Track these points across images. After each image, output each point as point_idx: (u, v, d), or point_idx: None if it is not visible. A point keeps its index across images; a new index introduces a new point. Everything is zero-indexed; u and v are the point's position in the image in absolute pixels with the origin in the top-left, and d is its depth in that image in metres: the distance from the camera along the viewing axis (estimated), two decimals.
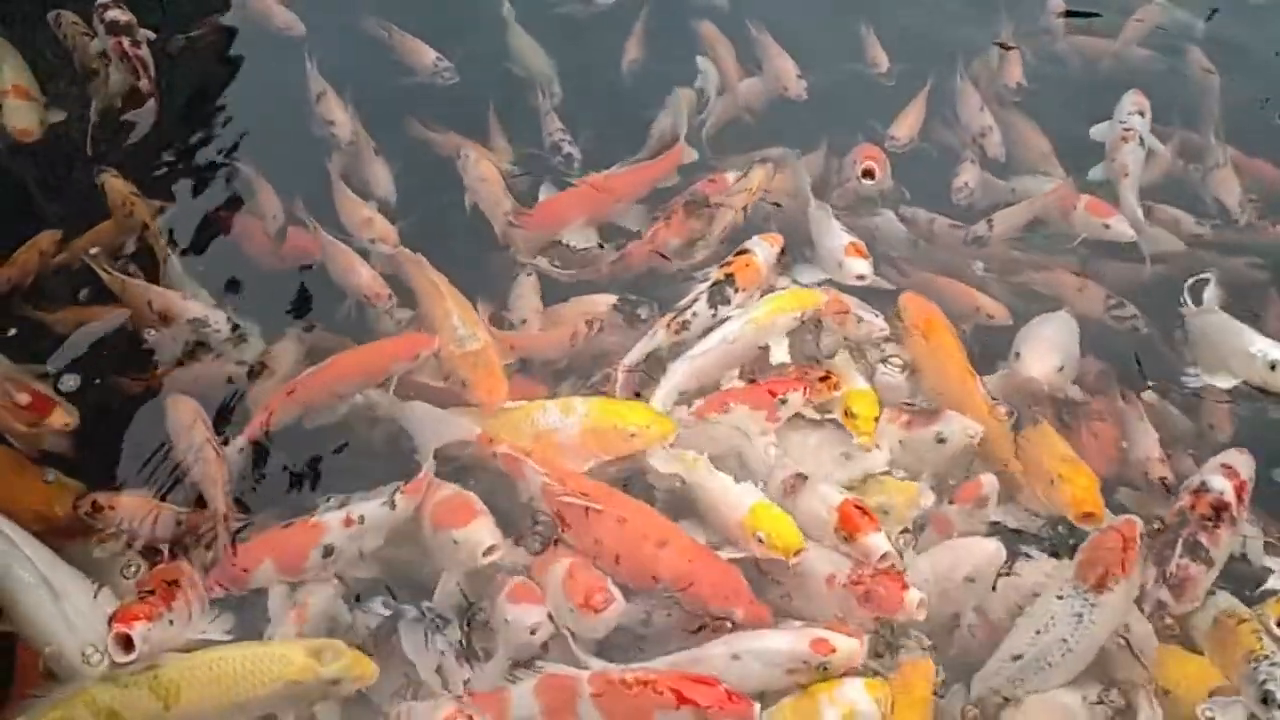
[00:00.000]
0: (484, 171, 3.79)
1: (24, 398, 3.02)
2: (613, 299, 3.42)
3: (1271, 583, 2.89)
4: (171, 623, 2.49)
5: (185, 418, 3.02)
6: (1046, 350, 3.23)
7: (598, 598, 2.59)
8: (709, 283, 3.26)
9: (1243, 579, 2.88)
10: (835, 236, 3.44)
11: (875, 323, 3.20)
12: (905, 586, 2.61)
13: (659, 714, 2.37)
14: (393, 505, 2.76)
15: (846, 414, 2.95)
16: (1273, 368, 3.19)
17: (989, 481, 2.85)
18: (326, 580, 2.72)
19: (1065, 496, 2.92)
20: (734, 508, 2.74)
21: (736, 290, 3.24)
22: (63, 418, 3.02)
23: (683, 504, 2.85)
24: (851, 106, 4.24)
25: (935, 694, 2.60)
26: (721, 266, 3.33)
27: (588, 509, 2.73)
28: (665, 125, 4.10)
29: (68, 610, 2.53)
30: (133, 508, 2.82)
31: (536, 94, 4.15)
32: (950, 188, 3.92)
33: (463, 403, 3.05)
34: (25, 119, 3.79)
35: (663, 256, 3.57)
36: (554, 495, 2.78)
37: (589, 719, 2.43)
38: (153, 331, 3.31)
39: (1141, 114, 4.03)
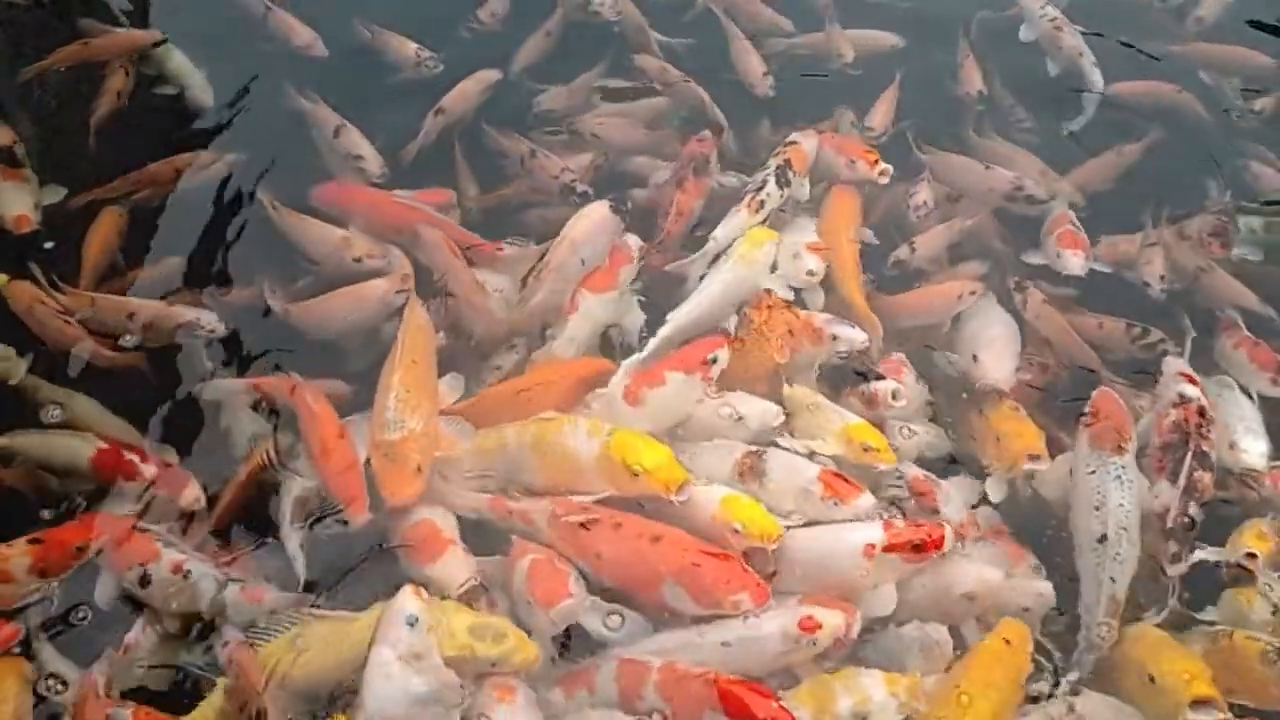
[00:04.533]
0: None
1: (150, 470, 2.84)
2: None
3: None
4: None
5: (24, 301, 3.16)
6: (1002, 353, 3.29)
7: (552, 593, 2.59)
8: (773, 167, 3.54)
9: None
10: (798, 232, 3.49)
11: (853, 335, 3.15)
12: (939, 525, 2.69)
13: (710, 715, 2.39)
14: (222, 586, 2.67)
15: (865, 451, 2.89)
16: (1231, 446, 3.09)
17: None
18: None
19: (1011, 447, 3.02)
20: (703, 504, 2.73)
21: (794, 173, 3.57)
22: (194, 494, 2.82)
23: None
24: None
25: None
26: (775, 155, 3.62)
27: (586, 524, 2.71)
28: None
29: None
30: None
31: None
32: (909, 205, 3.79)
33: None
34: (19, 204, 3.40)
35: None
36: (560, 518, 2.75)
37: (652, 703, 2.49)
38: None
39: (1054, 3, 4.35)
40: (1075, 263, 3.53)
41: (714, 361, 2.98)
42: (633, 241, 3.44)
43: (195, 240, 3.60)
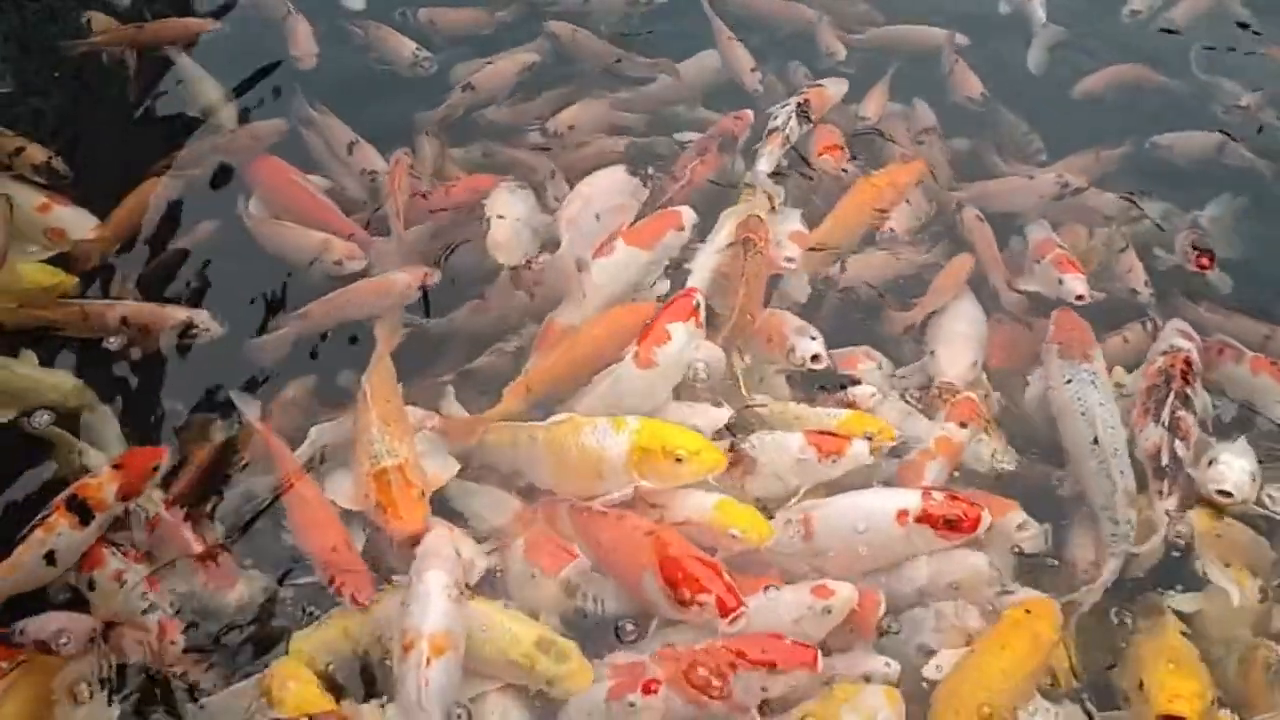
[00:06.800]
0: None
1: (197, 549, 2.73)
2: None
3: None
4: None
5: None
6: (961, 350, 3.26)
7: (557, 559, 2.61)
8: (793, 105, 3.67)
9: None
10: (785, 220, 3.49)
11: (806, 349, 3.09)
12: (975, 504, 2.68)
13: (735, 679, 2.37)
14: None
15: (867, 439, 2.86)
16: (1210, 463, 2.90)
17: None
18: None
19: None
20: (698, 509, 2.70)
21: (813, 112, 3.70)
22: (240, 594, 2.67)
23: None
24: None
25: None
26: (798, 93, 3.77)
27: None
28: None
29: None
30: None
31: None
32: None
33: None
34: (84, 221, 3.37)
35: None
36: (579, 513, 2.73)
37: (669, 697, 2.40)
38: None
39: None
40: (1079, 285, 3.36)
41: (699, 306, 3.03)
42: (687, 213, 3.41)
43: (190, 245, 3.56)
